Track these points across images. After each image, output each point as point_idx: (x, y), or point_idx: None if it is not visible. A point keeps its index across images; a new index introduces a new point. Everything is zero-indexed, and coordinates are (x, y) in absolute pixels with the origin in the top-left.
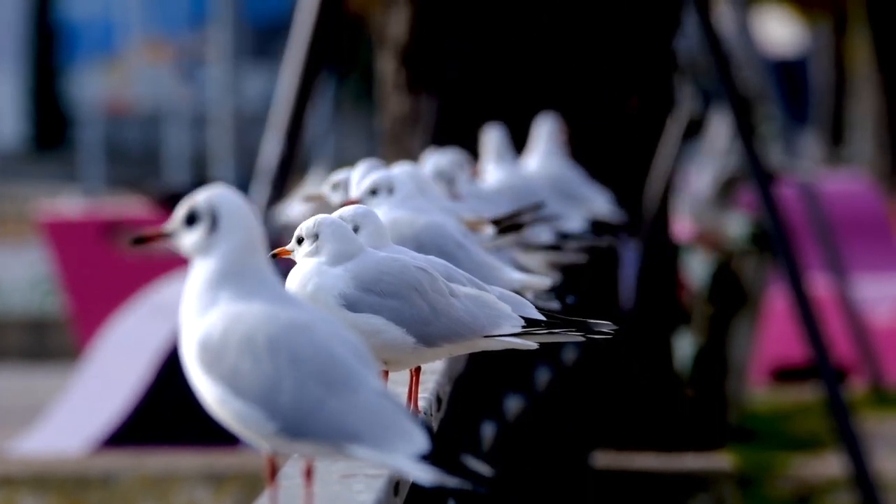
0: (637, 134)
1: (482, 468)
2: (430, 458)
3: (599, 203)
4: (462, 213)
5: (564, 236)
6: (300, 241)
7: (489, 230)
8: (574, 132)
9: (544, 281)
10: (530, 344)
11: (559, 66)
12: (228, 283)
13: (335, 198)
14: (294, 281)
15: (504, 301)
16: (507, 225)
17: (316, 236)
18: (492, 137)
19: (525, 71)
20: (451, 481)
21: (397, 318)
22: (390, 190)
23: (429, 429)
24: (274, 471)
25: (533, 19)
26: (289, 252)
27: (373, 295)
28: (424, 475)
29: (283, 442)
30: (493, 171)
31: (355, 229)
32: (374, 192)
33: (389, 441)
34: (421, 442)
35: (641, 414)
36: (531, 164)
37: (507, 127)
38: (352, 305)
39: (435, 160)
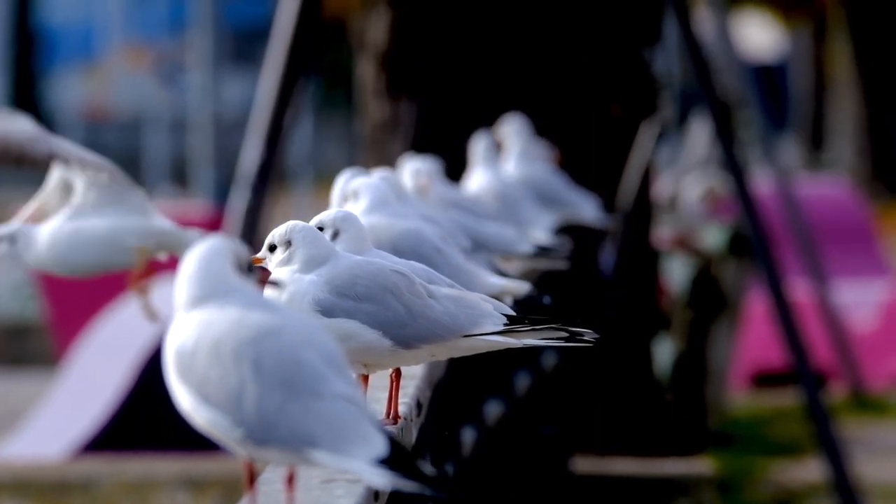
0: (619, 139)
1: (434, 471)
2: (388, 462)
3: (585, 208)
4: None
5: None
6: (272, 248)
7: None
8: (555, 137)
9: (522, 286)
10: (513, 342)
11: (540, 72)
12: (201, 303)
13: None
14: (270, 292)
15: (461, 305)
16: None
17: (288, 243)
18: (480, 143)
19: (506, 76)
20: (409, 485)
21: (372, 321)
22: (356, 197)
23: (389, 433)
24: (252, 476)
25: (513, 24)
26: (261, 260)
27: (347, 299)
28: (381, 479)
29: (251, 448)
30: (480, 176)
31: (336, 233)
32: (345, 199)
33: (348, 446)
34: (379, 446)
35: (621, 419)
36: (509, 167)
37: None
38: (326, 311)
39: (410, 165)
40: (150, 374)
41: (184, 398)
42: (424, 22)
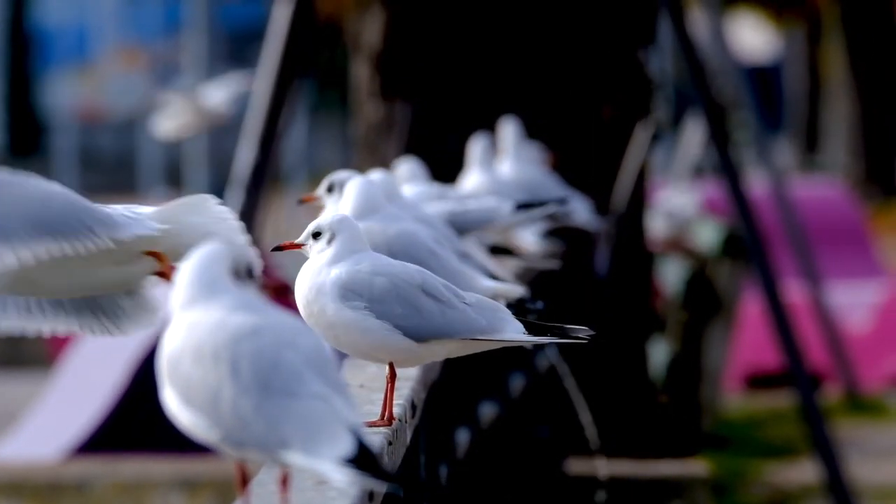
0: (614, 141)
1: (398, 469)
2: (355, 461)
3: (577, 210)
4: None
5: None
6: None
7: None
8: (549, 139)
9: (516, 289)
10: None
11: (534, 73)
12: (193, 307)
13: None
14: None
15: (480, 307)
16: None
17: (332, 234)
18: (478, 146)
19: (500, 78)
20: (373, 484)
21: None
22: (342, 188)
23: (357, 432)
24: (245, 478)
25: (507, 26)
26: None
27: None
28: (346, 479)
29: (232, 450)
30: (475, 177)
31: (332, 236)
32: (330, 190)
33: (318, 446)
34: (346, 446)
35: (616, 420)
36: (504, 169)
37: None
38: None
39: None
40: (144, 375)
41: (171, 400)
42: (419, 23)
